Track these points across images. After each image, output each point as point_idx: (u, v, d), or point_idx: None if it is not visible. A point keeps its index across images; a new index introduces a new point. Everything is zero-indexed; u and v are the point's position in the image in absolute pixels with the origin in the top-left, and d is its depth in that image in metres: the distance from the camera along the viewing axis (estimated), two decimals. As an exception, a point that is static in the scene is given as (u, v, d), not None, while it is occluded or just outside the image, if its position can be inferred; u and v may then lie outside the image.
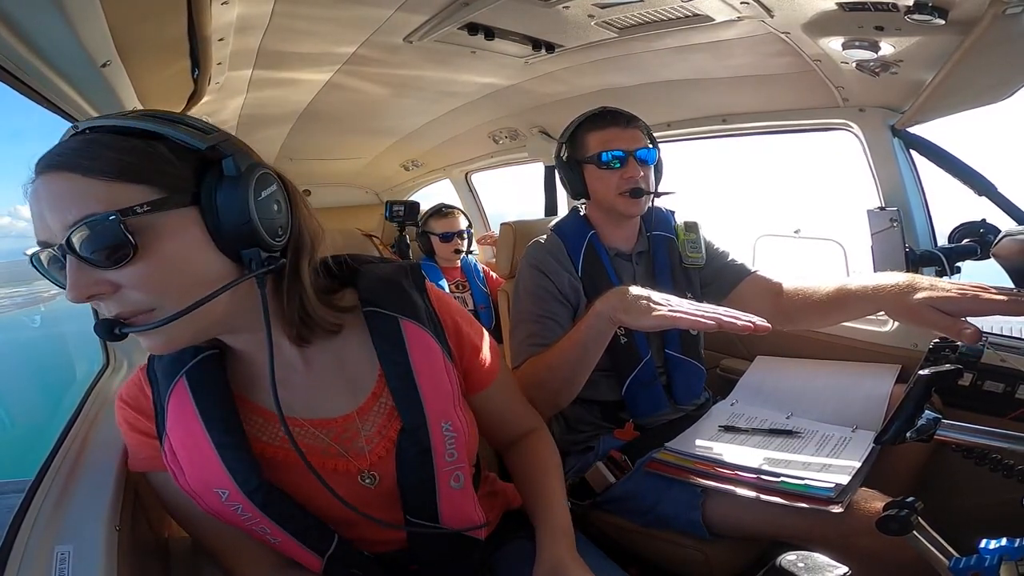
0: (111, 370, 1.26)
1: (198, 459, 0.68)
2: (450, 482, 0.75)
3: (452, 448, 0.75)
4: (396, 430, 0.74)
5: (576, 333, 1.04)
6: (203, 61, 1.24)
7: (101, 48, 0.87)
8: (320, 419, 0.74)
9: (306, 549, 0.71)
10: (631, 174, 1.27)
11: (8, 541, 0.64)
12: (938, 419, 0.76)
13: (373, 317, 0.75)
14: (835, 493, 0.96)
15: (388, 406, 0.75)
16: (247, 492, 0.67)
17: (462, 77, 1.96)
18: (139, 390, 0.73)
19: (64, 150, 0.58)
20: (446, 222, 2.55)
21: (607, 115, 1.32)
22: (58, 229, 0.56)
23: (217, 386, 0.69)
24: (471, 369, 0.84)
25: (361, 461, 0.73)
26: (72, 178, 0.56)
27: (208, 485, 0.68)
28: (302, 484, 0.69)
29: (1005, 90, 1.29)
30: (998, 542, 0.63)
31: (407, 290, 0.78)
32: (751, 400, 1.38)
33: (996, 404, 1.24)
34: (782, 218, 2.47)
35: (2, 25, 0.72)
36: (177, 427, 0.68)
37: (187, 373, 0.69)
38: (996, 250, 0.90)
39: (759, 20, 1.31)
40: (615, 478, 1.19)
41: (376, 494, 0.74)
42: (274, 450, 0.71)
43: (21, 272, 0.63)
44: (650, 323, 0.88)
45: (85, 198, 0.56)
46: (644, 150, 1.29)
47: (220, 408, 0.69)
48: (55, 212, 0.56)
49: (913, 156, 1.53)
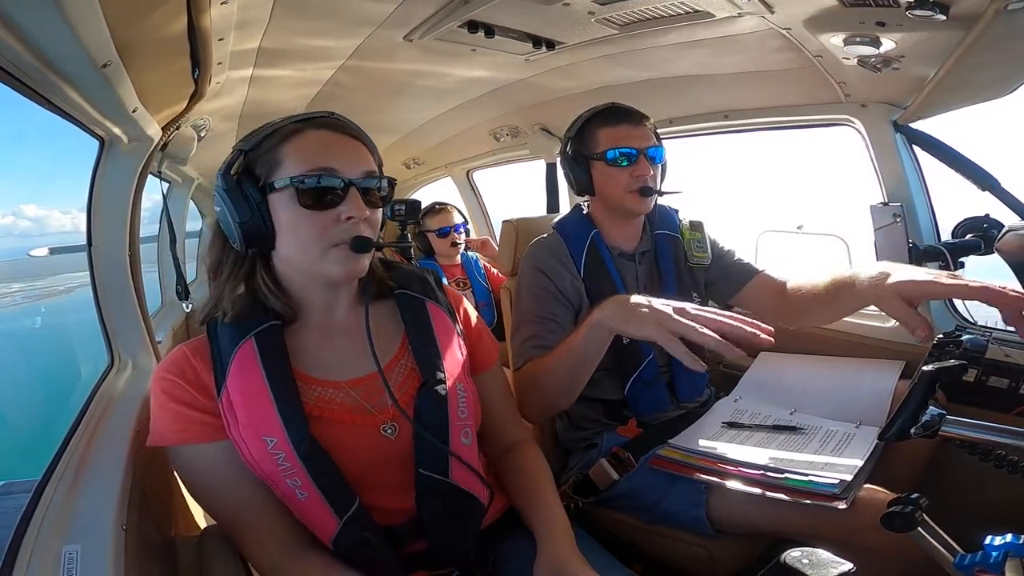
0: (116, 370, 1.26)
1: (256, 408, 0.76)
2: (460, 437, 0.84)
3: (464, 405, 0.86)
4: (415, 387, 0.84)
5: (574, 341, 1.02)
6: (203, 60, 1.23)
7: (101, 49, 0.87)
8: (351, 379, 0.84)
9: (328, 507, 0.76)
10: (641, 172, 1.25)
11: (16, 541, 0.65)
12: (942, 415, 0.76)
13: (403, 297, 0.90)
14: (839, 490, 0.96)
15: (408, 367, 0.87)
16: (294, 442, 0.75)
17: (463, 74, 1.96)
18: (185, 361, 0.80)
19: (350, 125, 0.84)
20: (441, 218, 2.57)
21: (618, 112, 1.30)
22: (350, 172, 0.79)
23: (279, 348, 0.80)
24: (474, 351, 0.96)
25: (384, 414, 0.83)
26: (359, 144, 0.83)
27: (259, 432, 0.75)
28: (332, 441, 0.78)
29: (1007, 86, 1.29)
30: (1003, 538, 0.63)
31: (430, 282, 0.94)
32: (755, 396, 1.38)
33: (1001, 400, 1.24)
34: (785, 214, 2.46)
35: (2, 27, 0.72)
36: (239, 379, 0.77)
37: (255, 335, 0.80)
38: (1000, 245, 0.90)
39: (760, 16, 1.31)
40: (619, 475, 1.19)
41: (395, 445, 0.82)
42: (310, 408, 0.79)
43: (25, 269, 0.63)
44: (649, 333, 0.86)
45: (369, 161, 0.82)
46: (654, 148, 1.28)
47: (280, 367, 0.79)
48: (349, 158, 0.80)
49: (916, 151, 1.53)
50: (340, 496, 0.77)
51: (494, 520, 0.93)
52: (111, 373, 1.25)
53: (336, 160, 0.79)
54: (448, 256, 2.58)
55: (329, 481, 0.76)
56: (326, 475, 0.76)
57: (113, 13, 0.80)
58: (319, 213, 0.78)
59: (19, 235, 16.37)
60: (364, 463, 0.80)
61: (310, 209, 0.77)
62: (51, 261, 6.28)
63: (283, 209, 0.78)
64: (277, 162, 0.79)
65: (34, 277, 8.10)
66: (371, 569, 0.78)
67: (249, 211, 0.78)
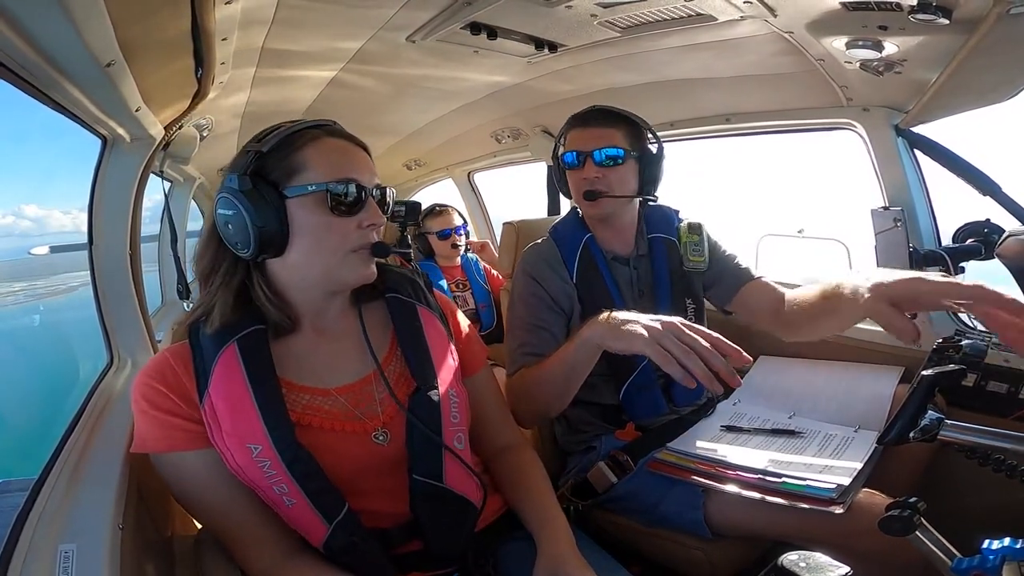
0: (115, 369, 1.26)
1: (240, 414, 0.75)
2: (454, 441, 0.84)
3: (456, 410, 0.85)
4: (406, 392, 0.84)
5: (564, 354, 1.02)
6: (207, 60, 1.24)
7: (105, 48, 0.87)
8: (339, 386, 0.83)
9: (317, 513, 0.75)
10: (584, 175, 1.25)
11: (12, 539, 0.65)
12: (941, 419, 0.76)
13: (394, 301, 0.90)
14: (836, 494, 0.96)
15: (397, 370, 0.86)
16: (279, 449, 0.74)
17: (465, 76, 1.96)
18: (167, 366, 0.79)
19: (355, 137, 0.86)
20: (441, 220, 2.57)
21: (584, 114, 1.30)
22: (367, 181, 0.81)
23: (263, 354, 0.79)
24: (463, 354, 0.96)
25: (375, 421, 0.82)
26: (367, 156, 0.86)
27: (243, 440, 0.74)
28: (322, 449, 0.77)
29: (1009, 90, 1.29)
30: (1001, 542, 0.63)
31: (421, 286, 0.94)
32: (753, 400, 1.38)
33: (1000, 404, 1.24)
34: (786, 217, 2.46)
35: (6, 26, 0.72)
36: (222, 385, 0.76)
37: (238, 340, 0.78)
38: (1000, 250, 0.90)
39: (762, 20, 1.31)
40: (617, 478, 1.19)
41: (387, 452, 0.82)
42: (298, 416, 0.79)
43: (29, 269, 0.64)
44: (639, 349, 0.85)
45: (376, 171, 0.84)
46: (602, 150, 1.24)
47: (264, 373, 0.78)
48: (365, 169, 0.82)
49: (917, 156, 1.53)
50: (329, 502, 0.76)
51: (491, 521, 0.93)
52: (110, 372, 1.25)
53: (356, 169, 0.81)
54: (448, 258, 2.58)
55: (317, 487, 0.76)
56: (313, 481, 0.75)
57: (117, 12, 0.80)
58: (345, 219, 0.79)
59: (19, 235, 16.43)
60: (355, 470, 0.80)
61: (340, 216, 0.78)
62: (52, 260, 6.30)
63: (306, 214, 0.78)
64: (296, 167, 0.78)
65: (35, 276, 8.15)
66: (363, 572, 0.78)
67: (270, 214, 0.76)
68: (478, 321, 2.48)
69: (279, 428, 0.75)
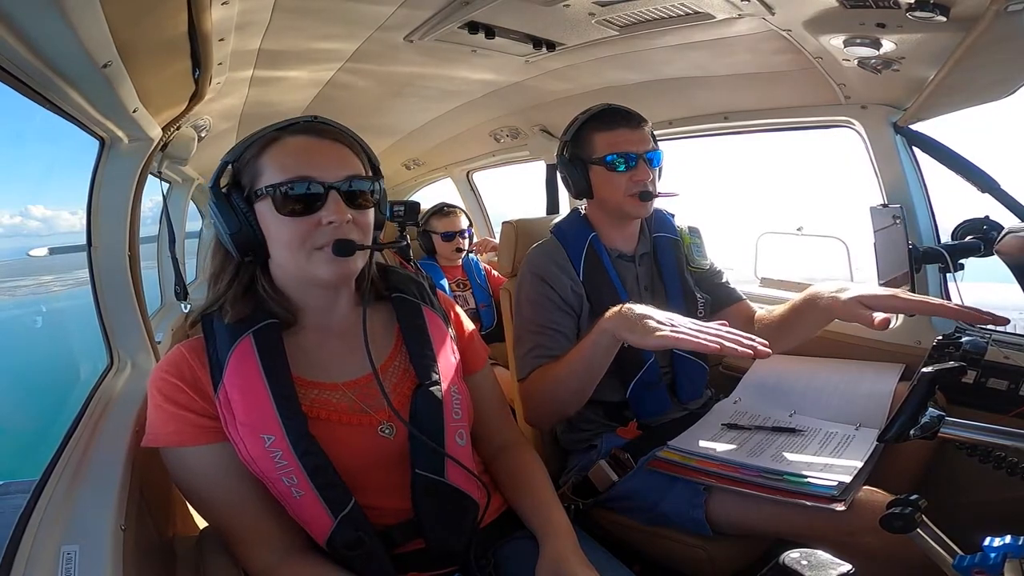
0: (115, 370, 1.26)
1: (255, 406, 0.76)
2: (455, 437, 0.85)
3: (458, 407, 0.87)
4: (410, 388, 0.86)
5: (582, 348, 1.05)
6: (204, 61, 1.24)
7: (102, 49, 0.87)
8: (347, 381, 0.86)
9: (324, 506, 0.76)
10: (641, 177, 1.25)
11: (14, 541, 0.65)
12: (942, 417, 0.76)
13: (399, 300, 0.92)
14: (838, 492, 0.96)
15: (401, 368, 0.89)
16: (292, 440, 0.75)
17: (463, 75, 1.96)
18: (183, 361, 0.80)
19: (330, 125, 0.83)
20: (448, 221, 2.55)
21: (616, 115, 1.29)
22: (330, 176, 0.79)
23: (277, 347, 0.81)
24: (464, 353, 0.98)
25: (381, 414, 0.84)
26: (343, 148, 0.83)
27: (256, 430, 0.76)
28: (330, 441, 0.78)
29: (1007, 87, 1.29)
30: (1002, 540, 0.63)
31: (426, 288, 0.97)
32: (754, 398, 1.38)
33: (1000, 401, 1.24)
34: (785, 215, 2.46)
35: (3, 27, 0.72)
36: (237, 377, 0.78)
37: (254, 333, 0.80)
38: (999, 247, 0.90)
39: (760, 18, 1.31)
40: (618, 476, 1.19)
41: (393, 445, 0.84)
42: (307, 409, 0.80)
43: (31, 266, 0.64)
44: (653, 343, 0.93)
45: (352, 164, 0.82)
46: (651, 152, 1.28)
47: (279, 365, 0.79)
48: (330, 163, 0.80)
49: (915, 153, 1.53)
50: (336, 495, 0.77)
51: (493, 520, 0.93)
52: (110, 373, 1.25)
53: (314, 166, 0.79)
54: (450, 259, 2.57)
55: (325, 480, 0.77)
56: (322, 474, 0.77)
57: (114, 13, 0.80)
58: (299, 219, 0.78)
59: (26, 235, 16.45)
60: (361, 463, 0.81)
61: (289, 216, 0.78)
62: (52, 261, 6.31)
63: (266, 217, 0.80)
64: (259, 171, 0.80)
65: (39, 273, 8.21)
66: (365, 570, 0.78)
67: (237, 221, 0.79)
68: (478, 320, 2.48)
69: (293, 419, 0.76)
